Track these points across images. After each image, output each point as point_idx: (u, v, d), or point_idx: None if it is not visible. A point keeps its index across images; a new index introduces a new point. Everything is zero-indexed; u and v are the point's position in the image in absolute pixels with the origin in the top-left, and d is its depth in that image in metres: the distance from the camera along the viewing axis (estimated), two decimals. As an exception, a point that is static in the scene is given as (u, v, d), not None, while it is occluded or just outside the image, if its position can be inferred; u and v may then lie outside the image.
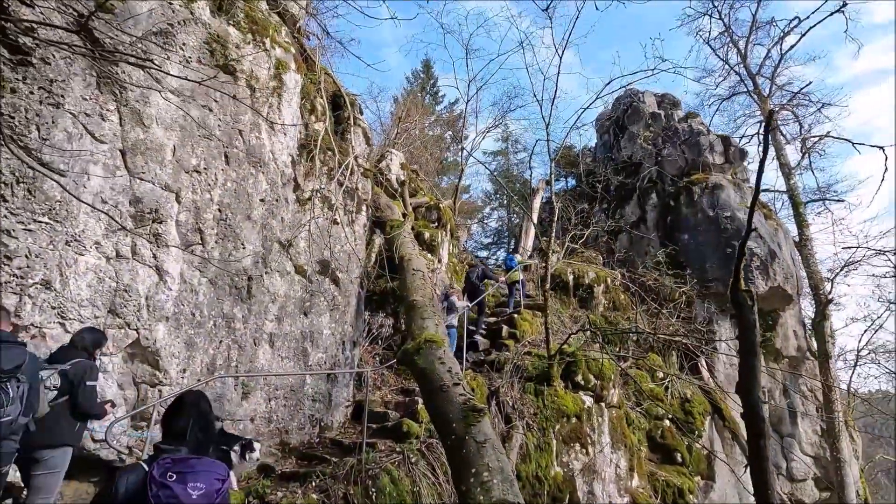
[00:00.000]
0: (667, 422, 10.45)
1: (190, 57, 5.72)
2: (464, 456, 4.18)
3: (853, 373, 18.62)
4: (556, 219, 9.02)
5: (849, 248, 15.22)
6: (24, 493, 3.89)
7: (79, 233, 4.65)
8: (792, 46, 18.09)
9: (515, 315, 10.34)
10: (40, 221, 4.40)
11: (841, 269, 15.34)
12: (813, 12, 17.22)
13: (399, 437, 6.33)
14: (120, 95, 5.08)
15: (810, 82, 17.11)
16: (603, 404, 8.74)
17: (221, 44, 6.00)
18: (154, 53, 5.22)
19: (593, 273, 13.09)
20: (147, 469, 1.97)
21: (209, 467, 2.04)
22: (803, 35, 17.86)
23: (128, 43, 4.97)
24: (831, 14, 17.25)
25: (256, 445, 4.91)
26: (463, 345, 8.37)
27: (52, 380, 3.80)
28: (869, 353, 18.65)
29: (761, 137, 18.68)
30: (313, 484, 5.39)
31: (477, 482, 3.94)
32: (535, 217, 16.12)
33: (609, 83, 8.85)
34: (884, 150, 4.53)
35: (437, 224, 10.65)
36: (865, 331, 18.30)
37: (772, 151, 17.65)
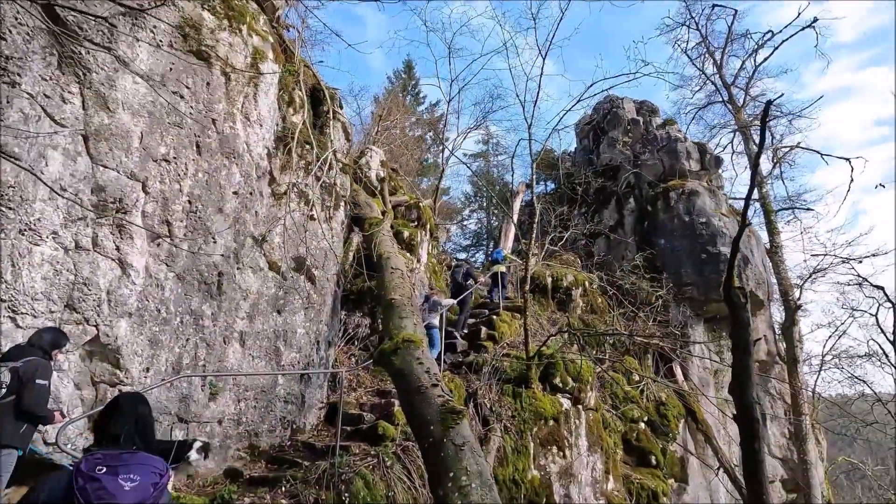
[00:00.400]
0: (642, 424, 10.52)
1: (161, 41, 5.45)
2: (441, 459, 4.04)
3: (818, 377, 19.18)
4: (536, 220, 8.97)
5: (816, 255, 15.67)
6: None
7: (34, 221, 4.35)
8: (765, 59, 18.65)
9: (494, 317, 10.27)
10: (-10, 208, 4.10)
11: (809, 277, 15.78)
12: (785, 26, 17.69)
13: (374, 439, 6.15)
14: (83, 77, 4.80)
15: (782, 94, 17.48)
16: (580, 407, 8.71)
17: (195, 28, 5.74)
18: (121, 28, 4.95)
19: (571, 276, 13.13)
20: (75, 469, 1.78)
21: (145, 461, 1.87)
22: (776, 48, 18.40)
23: (93, 21, 4.69)
24: (802, 29, 17.86)
25: (196, 444, 4.70)
26: (441, 346, 8.25)
27: (3, 377, 3.54)
28: (833, 359, 19.20)
29: (735, 137, 19.11)
30: (283, 489, 5.17)
31: (455, 487, 3.80)
32: (514, 219, 16.11)
33: (591, 85, 8.88)
34: (850, 162, 4.69)
35: (416, 223, 10.50)
36: (830, 336, 18.86)
37: (745, 160, 18.11)
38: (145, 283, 5.13)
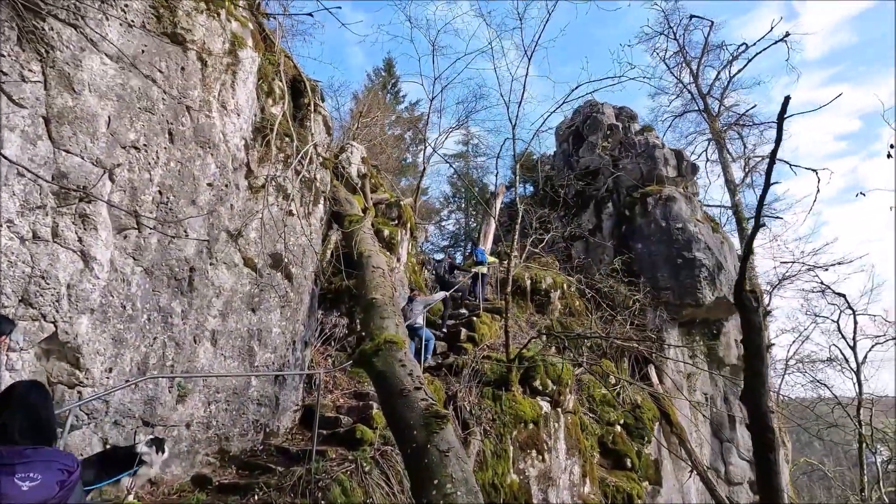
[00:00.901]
0: (618, 427, 10.56)
1: (133, 21, 5.14)
2: (425, 466, 3.88)
3: (782, 381, 19.76)
4: (518, 221, 8.90)
5: (785, 262, 16.12)
6: None
7: (-14, 208, 4.00)
8: (739, 70, 19.13)
9: (474, 318, 10.16)
10: (-63, 192, 3.75)
11: (779, 283, 16.22)
12: (758, 40, 18.25)
13: (352, 444, 5.93)
14: (46, 55, 4.46)
15: (755, 105, 18.05)
16: (559, 410, 8.67)
17: (170, 9, 5.43)
18: (89, 4, 4.62)
19: (550, 278, 13.14)
20: None
21: (50, 457, 1.68)
22: (749, 61, 18.94)
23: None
24: (775, 42, 18.44)
25: (146, 438, 4.47)
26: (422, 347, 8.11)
27: None
28: (796, 363, 19.81)
29: (709, 145, 19.51)
30: (256, 497, 4.91)
31: (440, 494, 3.65)
32: (494, 220, 16.05)
33: (577, 88, 8.89)
34: (817, 173, 4.87)
35: (397, 222, 10.30)
36: (794, 342, 19.48)
37: (719, 168, 18.53)
38: (110, 278, 4.81)
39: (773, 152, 2.70)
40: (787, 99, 2.48)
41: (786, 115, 2.49)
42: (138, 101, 5.09)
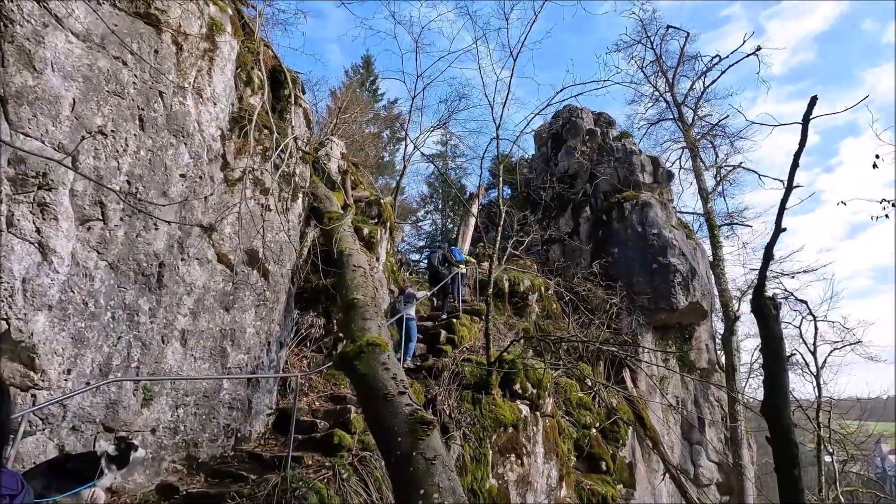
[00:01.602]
0: (594, 430, 10.60)
1: (102, -3, 4.80)
2: (411, 474, 3.71)
3: (746, 384, 20.35)
4: (501, 222, 8.81)
5: (754, 269, 16.56)
6: None
7: (-69, 193, 3.64)
8: (713, 82, 19.58)
9: (454, 320, 10.03)
10: None
11: (749, 289, 16.65)
12: (731, 52, 18.78)
13: (329, 449, 5.70)
14: (4, 29, 4.10)
15: (727, 115, 18.52)
16: (538, 413, 8.62)
17: (144, -12, 5.11)
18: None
19: (528, 281, 13.13)
20: None
21: None
22: (723, 72, 19.42)
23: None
24: (748, 56, 19.00)
25: (135, 442, 4.15)
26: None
27: None
28: (759, 367, 20.43)
29: (683, 153, 19.92)
30: (227, 506, 4.64)
31: (426, 505, 3.48)
32: (473, 221, 15.98)
33: (562, 90, 8.87)
34: (783, 183, 4.98)
35: (377, 220, 10.07)
36: (757, 346, 20.10)
37: (692, 176, 18.93)
38: (70, 272, 4.46)
39: (798, 153, 2.65)
40: (814, 99, 2.43)
41: (811, 116, 2.45)
42: (106, 84, 4.76)
